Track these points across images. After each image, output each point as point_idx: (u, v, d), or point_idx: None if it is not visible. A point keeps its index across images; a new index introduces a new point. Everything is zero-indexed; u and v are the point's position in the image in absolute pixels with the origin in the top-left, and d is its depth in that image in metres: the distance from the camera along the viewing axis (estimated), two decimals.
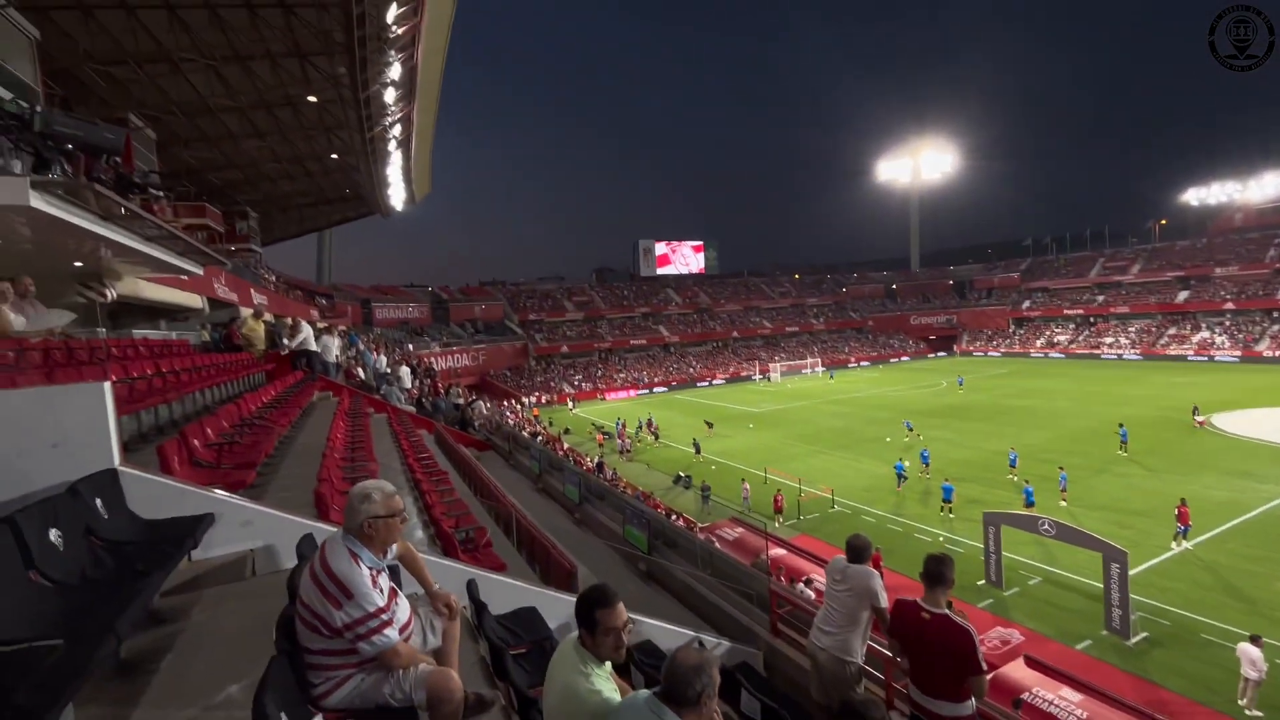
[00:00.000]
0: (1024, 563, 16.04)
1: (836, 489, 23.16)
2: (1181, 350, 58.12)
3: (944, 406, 40.74)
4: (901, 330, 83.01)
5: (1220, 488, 21.03)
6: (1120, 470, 24.05)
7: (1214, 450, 26.06)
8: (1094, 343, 65.69)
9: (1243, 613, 13.12)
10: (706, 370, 65.30)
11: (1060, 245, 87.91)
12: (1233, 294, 60.52)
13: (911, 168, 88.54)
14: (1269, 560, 15.46)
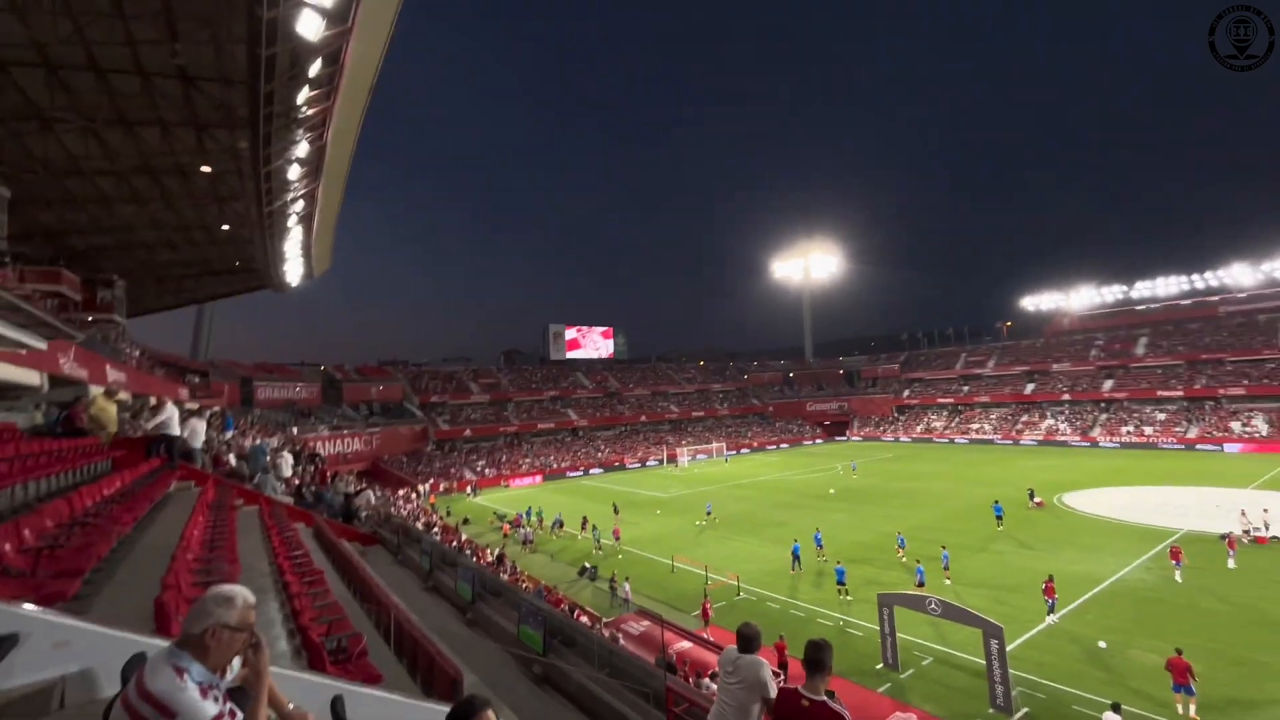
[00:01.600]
0: (917, 643, 16.56)
1: (742, 575, 23.15)
2: (1033, 436, 65.45)
3: (839, 489, 42.71)
4: (800, 416, 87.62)
5: (1078, 562, 23.20)
6: (996, 548, 25.99)
7: (1071, 527, 28.95)
8: (964, 428, 72.53)
9: (1104, 681, 14.16)
10: (615, 455, 64.86)
11: (931, 340, 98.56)
12: (1068, 386, 69.85)
13: (803, 267, 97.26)
14: (1122, 630, 16.99)
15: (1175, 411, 59.74)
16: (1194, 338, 66.03)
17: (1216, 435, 53.84)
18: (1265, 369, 57.78)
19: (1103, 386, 66.96)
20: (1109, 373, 68.19)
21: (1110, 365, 68.75)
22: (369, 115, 19.12)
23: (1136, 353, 68.27)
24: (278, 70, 12.86)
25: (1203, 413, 57.81)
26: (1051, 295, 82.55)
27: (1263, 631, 16.39)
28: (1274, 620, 17.03)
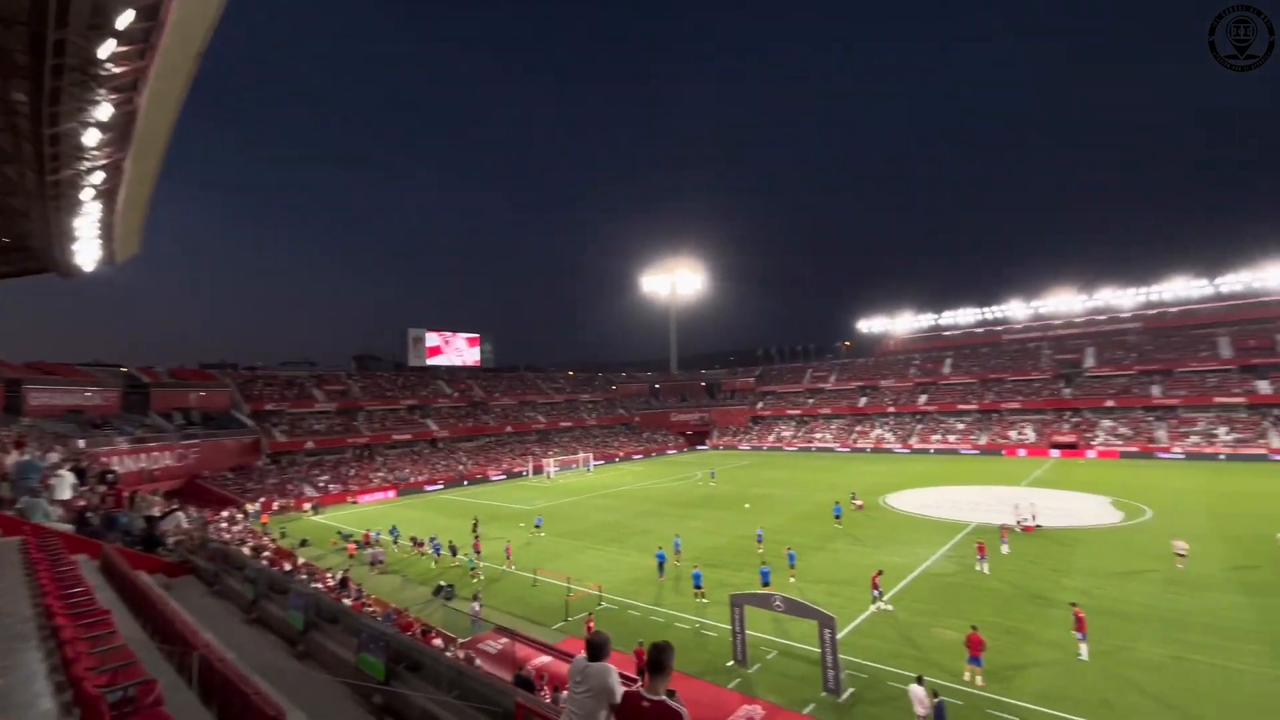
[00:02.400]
0: (764, 638, 17.75)
1: (605, 584, 23.31)
2: (866, 443, 73.64)
3: (699, 497, 44.75)
4: (664, 426, 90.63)
5: (897, 554, 26.37)
6: (833, 546, 28.72)
7: (892, 524, 32.84)
8: (809, 438, 79.62)
9: (914, 658, 16.19)
10: (478, 467, 62.38)
11: (783, 356, 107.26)
12: (893, 400, 79.64)
13: (670, 283, 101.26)
14: (928, 611, 19.56)
15: (971, 422, 70.54)
16: (984, 360, 78.59)
17: (1000, 442, 64.38)
18: (1033, 387, 70.32)
19: (919, 400, 77.22)
20: (924, 389, 78.82)
21: (925, 382, 79.53)
22: (206, 87, 16.78)
23: (944, 372, 79.71)
24: (73, 16, 10.86)
25: (990, 423, 68.92)
26: (881, 319, 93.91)
27: (1027, 604, 19.76)
28: (1034, 594, 20.61)
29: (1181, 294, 70.36)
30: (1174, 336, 68.12)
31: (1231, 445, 52.41)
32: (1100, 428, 61.25)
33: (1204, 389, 59.56)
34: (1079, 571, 23.02)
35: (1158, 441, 56.16)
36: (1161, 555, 24.31)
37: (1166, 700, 13.53)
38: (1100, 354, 70.28)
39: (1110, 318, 75.69)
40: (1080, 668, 15.27)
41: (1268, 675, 14.55)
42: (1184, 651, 15.95)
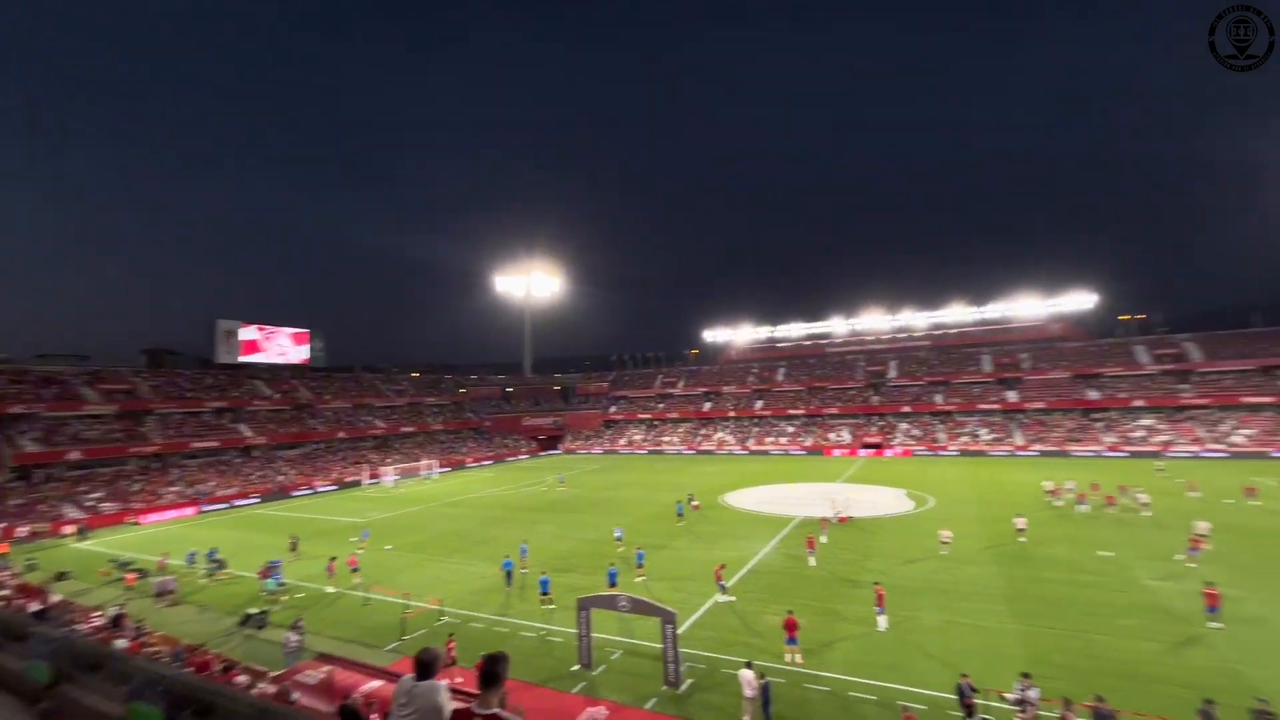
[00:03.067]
0: (609, 639, 18.00)
1: (446, 598, 22.08)
2: (709, 446, 78.32)
3: (549, 502, 44.35)
4: (516, 430, 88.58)
5: (734, 549, 28.30)
6: (677, 544, 30.03)
7: (730, 521, 35.20)
8: (658, 441, 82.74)
9: (746, 646, 17.46)
10: (303, 477, 55.89)
11: (636, 362, 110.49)
12: (734, 405, 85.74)
13: (526, 285, 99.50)
14: (759, 600, 21.25)
15: (799, 425, 78.29)
16: (811, 370, 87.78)
17: (822, 443, 72.22)
18: (849, 394, 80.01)
19: (755, 405, 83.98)
20: (760, 395, 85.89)
21: (761, 389, 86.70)
22: None
23: (778, 379, 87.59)
24: None
25: (815, 426, 77.08)
26: (725, 330, 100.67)
27: (839, 587, 22.33)
28: (845, 578, 23.36)
29: (958, 318, 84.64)
30: (952, 354, 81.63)
31: (989, 443, 64.04)
32: (899, 430, 71.36)
33: (971, 397, 72.11)
34: (880, 554, 26.52)
35: (939, 441, 66.79)
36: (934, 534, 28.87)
37: (940, 658, 16.04)
38: (901, 367, 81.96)
39: (909, 336, 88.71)
40: (878, 638, 17.56)
41: (1007, 629, 17.91)
42: (953, 616, 19.06)
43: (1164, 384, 64.04)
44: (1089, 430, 62.07)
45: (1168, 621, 18.09)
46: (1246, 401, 58.58)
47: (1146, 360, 66.85)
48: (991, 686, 13.56)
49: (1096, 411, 64.64)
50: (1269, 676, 14.38)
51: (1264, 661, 15.31)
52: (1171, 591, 20.51)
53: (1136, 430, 60.01)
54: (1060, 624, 18.21)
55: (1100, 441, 59.47)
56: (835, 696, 14.42)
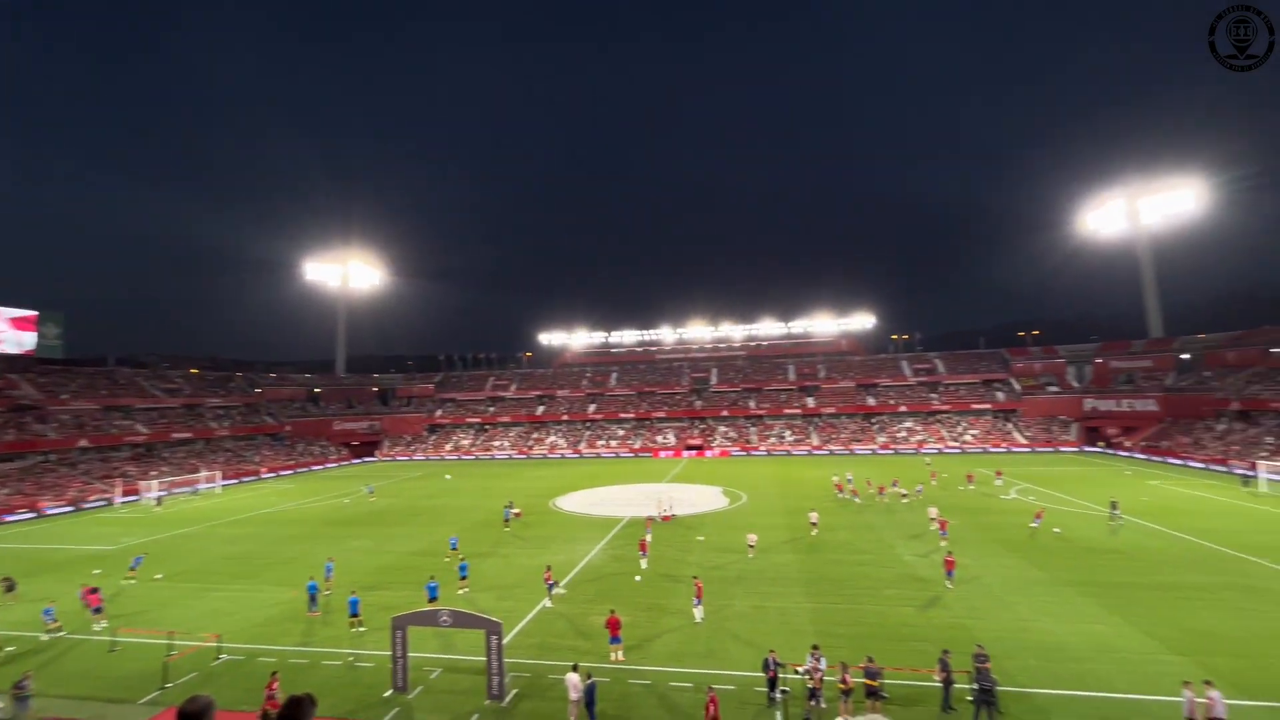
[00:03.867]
0: (428, 658, 16.80)
1: (227, 632, 18.88)
2: (541, 450, 77.58)
3: (362, 514, 40.40)
4: (325, 436, 79.41)
5: (563, 552, 28.23)
6: (504, 551, 29.13)
7: (560, 524, 35.10)
8: (488, 446, 79.93)
9: (575, 649, 17.46)
10: (23, 498, 44.19)
11: (466, 363, 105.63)
12: (567, 409, 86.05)
13: (342, 275, 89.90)
14: (587, 600, 21.42)
15: (629, 429, 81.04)
16: (642, 375, 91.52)
17: (650, 446, 75.53)
18: (676, 399, 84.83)
19: (588, 409, 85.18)
20: (594, 399, 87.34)
21: (594, 393, 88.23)
22: None
23: (611, 384, 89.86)
24: None
25: (644, 429, 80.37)
26: (560, 334, 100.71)
27: (662, 583, 23.42)
28: (667, 574, 24.57)
29: (769, 332, 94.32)
30: (764, 363, 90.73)
31: (792, 444, 72.26)
32: (718, 432, 77.33)
33: (779, 403, 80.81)
34: (699, 549, 28.37)
35: (752, 442, 73.71)
36: (753, 528, 31.75)
37: (748, 640, 17.56)
38: (721, 374, 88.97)
39: (728, 346, 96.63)
40: (696, 629, 18.71)
41: (804, 608, 20.24)
42: (760, 601, 21.02)
43: (920, 393, 77.77)
44: (868, 431, 73.07)
45: (919, 588, 21.85)
46: (974, 408, 73.53)
47: (909, 373, 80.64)
48: (791, 661, 15.16)
49: (874, 415, 76.33)
50: (985, 625, 18.05)
51: (981, 614, 19.17)
52: (922, 563, 24.83)
53: (901, 431, 72.04)
54: (843, 599, 21.03)
55: (875, 441, 70.33)
56: (655, 689, 15.02)
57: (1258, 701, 13.46)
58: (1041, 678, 14.87)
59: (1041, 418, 69.55)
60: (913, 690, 14.42)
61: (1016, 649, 16.46)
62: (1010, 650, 16.27)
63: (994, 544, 27.49)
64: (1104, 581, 21.90)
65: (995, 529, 30.39)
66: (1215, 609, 19.03)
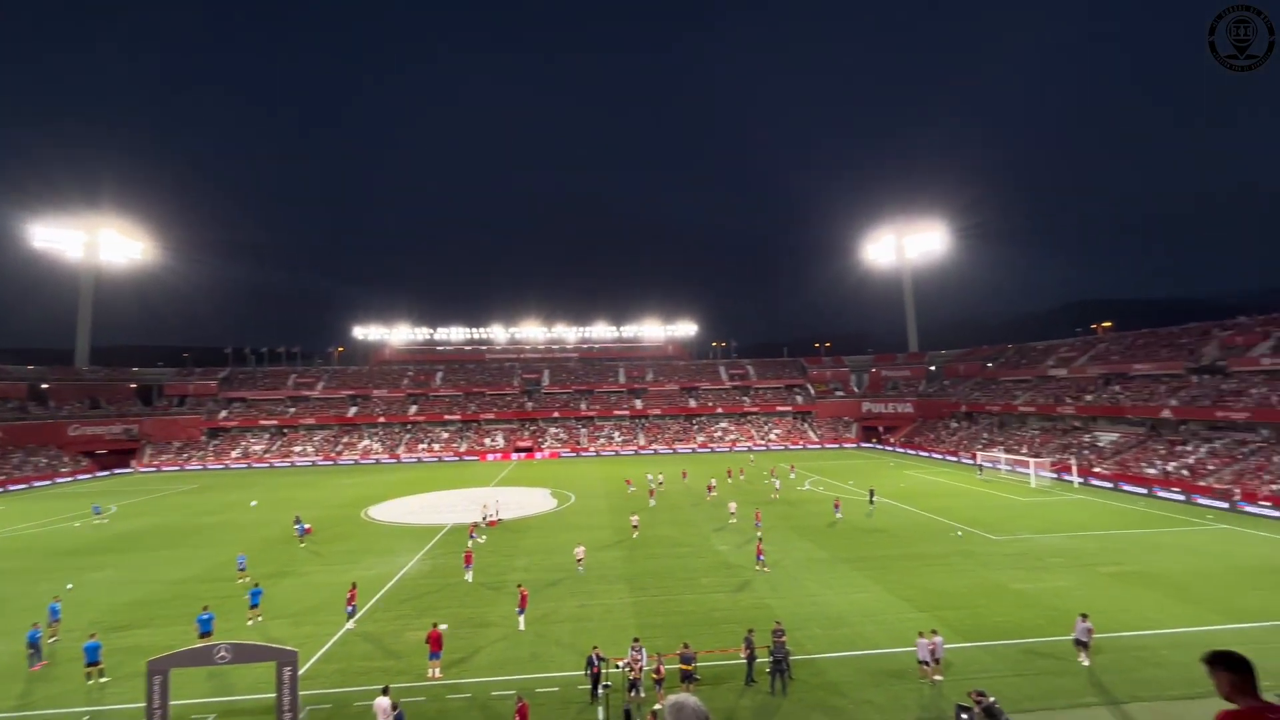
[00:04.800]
0: (198, 704, 14.27)
1: None
2: (352, 455, 70.46)
3: (105, 540, 33.09)
4: (55, 443, 63.58)
5: (375, 566, 25.88)
6: (302, 569, 25.85)
7: (372, 536, 32.13)
8: (287, 451, 70.47)
9: (385, 671, 16.05)
10: None
11: (260, 358, 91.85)
12: (384, 410, 79.28)
13: (87, 243, 72.77)
14: (404, 617, 19.88)
15: (455, 431, 77.16)
16: (470, 375, 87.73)
17: (478, 448, 72.66)
18: (506, 400, 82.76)
19: (409, 410, 79.39)
20: (415, 399, 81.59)
21: (417, 393, 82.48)
22: None
23: (435, 384, 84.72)
24: None
25: (471, 432, 77.08)
26: (379, 328, 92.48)
27: (486, 591, 22.63)
28: (492, 581, 23.80)
29: (601, 335, 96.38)
30: (596, 365, 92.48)
31: (621, 444, 74.61)
32: (549, 434, 76.99)
33: (609, 404, 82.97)
34: (525, 553, 27.93)
35: (582, 444, 74.63)
36: (579, 527, 32.11)
37: (572, 641, 17.69)
38: (553, 375, 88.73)
39: (561, 348, 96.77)
40: (520, 636, 18.36)
41: (627, 603, 20.98)
42: (586, 600, 21.33)
43: (734, 396, 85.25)
44: (689, 431, 78.17)
45: (731, 575, 23.89)
46: (778, 409, 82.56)
47: (725, 377, 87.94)
48: (615, 656, 15.58)
49: (695, 417, 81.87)
50: (783, 603, 20.31)
51: (781, 593, 21.55)
52: (735, 553, 27.19)
53: (718, 431, 78.28)
54: (663, 591, 22.20)
55: (695, 440, 75.51)
56: (476, 701, 14.44)
57: (973, 643, 16.95)
58: (823, 644, 17.15)
59: (830, 418, 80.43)
60: (722, 669, 15.69)
61: (806, 621, 18.77)
62: (801, 623, 18.50)
63: (790, 530, 31.07)
64: (870, 556, 25.94)
65: (792, 517, 34.36)
66: (945, 572, 23.57)
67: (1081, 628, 15.46)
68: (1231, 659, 2.80)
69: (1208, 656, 2.84)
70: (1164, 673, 14.79)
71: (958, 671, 15.04)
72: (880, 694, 14.35)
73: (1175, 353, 50.75)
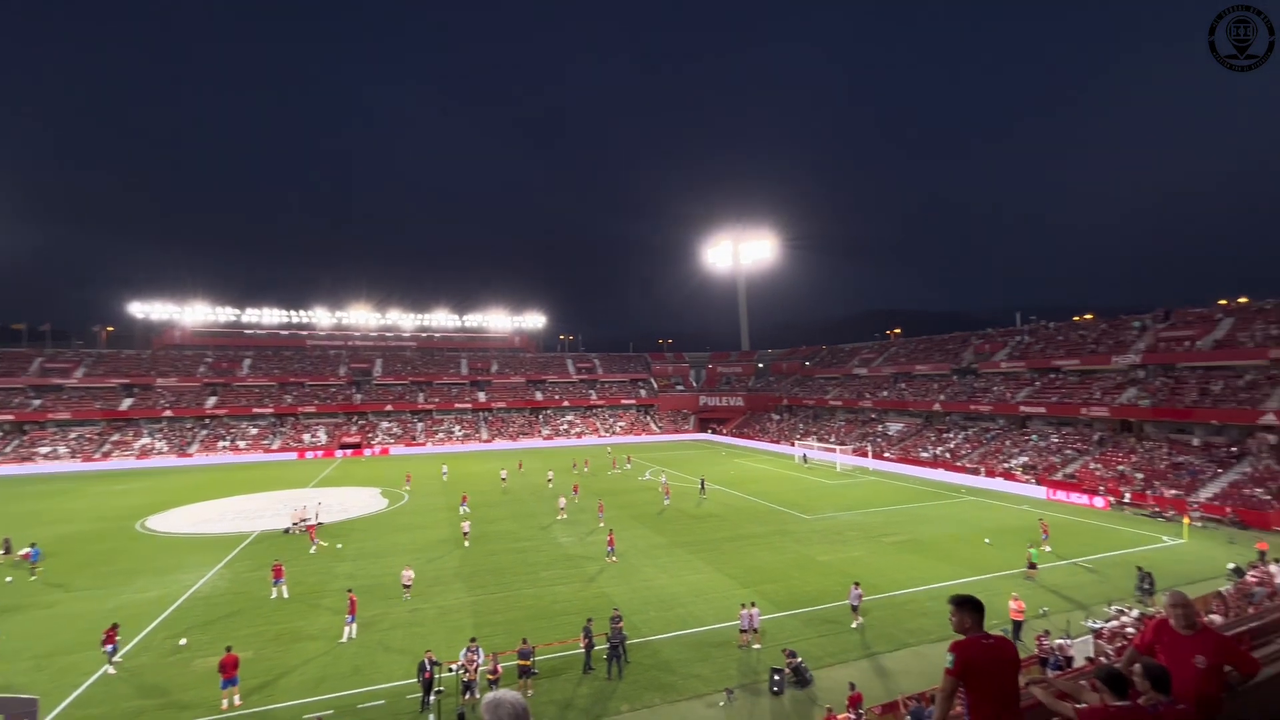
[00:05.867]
0: None
1: None
2: (126, 456, 58.86)
3: None
4: None
5: (152, 588, 21.89)
6: (45, 600, 21.04)
7: (148, 553, 27.09)
8: (30, 452, 56.80)
9: (163, 708, 13.66)
10: None
11: None
12: (171, 402, 67.34)
13: None
14: (191, 643, 16.99)
15: (266, 426, 68.02)
16: (287, 363, 77.85)
17: (294, 445, 64.79)
18: (330, 392, 74.84)
19: (207, 403, 68.36)
20: (214, 390, 70.44)
21: (216, 382, 71.22)
22: None
23: (242, 373, 73.84)
24: None
25: (287, 427, 68.50)
26: (166, 305, 77.91)
27: (300, 603, 20.30)
28: (309, 590, 21.44)
29: (443, 324, 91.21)
30: (436, 355, 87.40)
31: (462, 439, 71.41)
32: (380, 428, 71.14)
33: (450, 397, 78.90)
34: (351, 558, 25.55)
35: (418, 439, 70.13)
36: (411, 528, 30.13)
37: (403, 648, 16.55)
38: (387, 366, 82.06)
39: (396, 336, 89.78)
40: (342, 648, 16.76)
41: (464, 603, 20.15)
42: (419, 604, 20.08)
43: (581, 389, 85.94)
44: (535, 425, 77.20)
45: (572, 566, 24.05)
46: (624, 402, 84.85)
47: (573, 371, 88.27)
48: (452, 659, 14.85)
49: (541, 410, 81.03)
50: (622, 590, 20.94)
51: (621, 581, 22.17)
52: (577, 544, 27.40)
53: (564, 424, 78.33)
54: (502, 588, 21.68)
55: (541, 434, 74.81)
56: None
57: (785, 611, 18.94)
58: (658, 625, 18.00)
59: (672, 411, 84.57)
60: (561, 661, 15.74)
61: (644, 605, 19.55)
62: (638, 607, 19.23)
63: (630, 519, 32.12)
64: (703, 540, 27.78)
65: (632, 506, 35.56)
66: (766, 549, 26.05)
67: (854, 594, 18.03)
68: (966, 601, 3.59)
69: (951, 600, 3.63)
70: (928, 621, 17.81)
71: (772, 638, 16.70)
72: (707, 666, 15.43)
73: (945, 357, 61.22)
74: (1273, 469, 31.12)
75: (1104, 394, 42.21)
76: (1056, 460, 40.47)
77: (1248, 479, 31.29)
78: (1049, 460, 40.76)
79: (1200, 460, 34.43)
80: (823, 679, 14.58)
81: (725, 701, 13.65)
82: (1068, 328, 52.88)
